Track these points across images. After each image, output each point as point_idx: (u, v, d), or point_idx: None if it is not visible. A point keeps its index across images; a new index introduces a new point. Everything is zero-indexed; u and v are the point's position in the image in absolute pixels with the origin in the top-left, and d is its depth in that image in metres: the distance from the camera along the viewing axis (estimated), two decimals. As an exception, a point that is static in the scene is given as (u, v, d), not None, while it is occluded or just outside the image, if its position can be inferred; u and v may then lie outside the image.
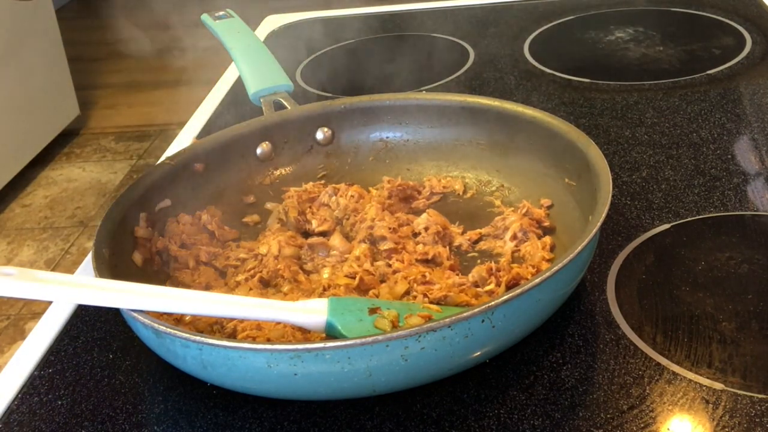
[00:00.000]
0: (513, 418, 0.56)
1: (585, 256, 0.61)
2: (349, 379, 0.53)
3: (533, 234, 0.71)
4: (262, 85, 0.86)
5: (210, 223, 0.76)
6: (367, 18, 1.35)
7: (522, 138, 0.78)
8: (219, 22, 0.96)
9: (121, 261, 0.67)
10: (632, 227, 0.74)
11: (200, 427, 0.59)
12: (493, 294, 0.65)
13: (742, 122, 0.90)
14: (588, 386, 0.58)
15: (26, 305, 2.16)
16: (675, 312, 0.63)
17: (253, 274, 0.71)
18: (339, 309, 0.59)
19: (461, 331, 0.53)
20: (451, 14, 1.32)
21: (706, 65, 1.03)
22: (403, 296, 0.66)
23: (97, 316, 0.71)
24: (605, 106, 0.96)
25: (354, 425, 0.57)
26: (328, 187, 0.80)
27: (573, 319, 0.64)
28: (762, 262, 0.68)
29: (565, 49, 1.15)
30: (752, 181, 0.79)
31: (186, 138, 1.01)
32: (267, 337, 0.62)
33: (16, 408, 0.63)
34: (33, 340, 0.70)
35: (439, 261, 0.71)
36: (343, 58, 1.22)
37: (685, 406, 0.55)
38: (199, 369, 0.56)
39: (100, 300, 0.56)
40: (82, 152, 2.96)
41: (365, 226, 0.75)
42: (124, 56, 3.48)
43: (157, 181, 0.75)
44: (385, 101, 0.84)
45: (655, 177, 0.81)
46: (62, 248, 2.43)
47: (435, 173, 0.83)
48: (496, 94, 1.03)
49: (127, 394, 0.63)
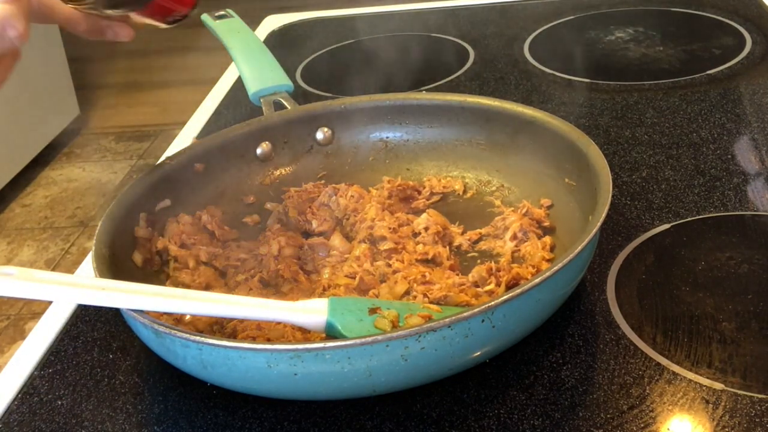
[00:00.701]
0: (513, 418, 0.56)
1: (585, 256, 0.61)
2: (349, 379, 0.53)
3: (533, 234, 0.71)
4: (262, 85, 0.86)
5: (210, 223, 0.76)
6: (367, 18, 1.35)
7: (522, 138, 0.78)
8: (219, 22, 0.96)
9: (121, 261, 0.67)
10: (632, 227, 0.74)
11: (200, 427, 0.59)
12: (493, 294, 0.65)
13: (742, 122, 0.90)
14: (588, 386, 0.58)
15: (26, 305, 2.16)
16: (675, 312, 0.63)
17: (253, 275, 0.71)
18: (339, 309, 0.59)
19: (461, 331, 0.53)
20: (451, 14, 1.32)
21: (706, 65, 1.03)
22: (403, 296, 0.66)
23: (97, 316, 0.71)
24: (605, 106, 0.96)
25: (354, 425, 0.57)
26: (328, 187, 0.80)
27: (573, 319, 0.64)
28: (762, 262, 0.68)
29: (565, 49, 1.15)
30: (752, 181, 0.79)
31: (186, 138, 1.01)
32: (267, 337, 0.62)
33: (16, 408, 0.63)
34: (33, 340, 0.70)
35: (439, 261, 0.71)
36: (343, 58, 1.23)
37: (685, 406, 0.55)
38: (199, 369, 0.56)
39: (100, 300, 0.56)
40: (82, 152, 2.96)
41: (365, 226, 0.75)
42: (124, 56, 3.49)
43: (157, 181, 0.75)
44: (385, 101, 0.84)
45: (655, 177, 0.81)
46: (62, 248, 2.43)
47: (435, 173, 0.83)
48: (496, 94, 1.03)
49: (127, 394, 0.63)
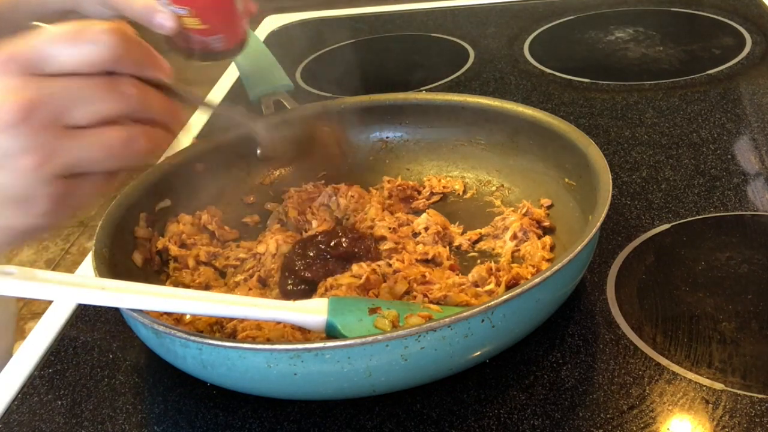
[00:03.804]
0: (513, 418, 0.56)
1: (585, 256, 0.61)
2: (349, 379, 0.53)
3: (533, 234, 0.71)
4: (262, 84, 0.86)
5: (210, 223, 0.76)
6: (367, 18, 1.35)
7: (522, 138, 0.78)
8: (219, 22, 0.96)
9: (121, 261, 0.67)
10: (632, 227, 0.74)
11: (200, 427, 0.59)
12: (492, 294, 0.65)
13: (742, 122, 0.90)
14: (588, 386, 0.58)
15: (26, 305, 2.16)
16: (675, 312, 0.63)
17: (251, 274, 0.71)
18: (339, 309, 0.59)
19: (461, 330, 0.53)
20: (451, 14, 1.32)
21: (706, 65, 1.03)
22: (403, 296, 0.66)
23: (97, 316, 0.71)
24: (605, 106, 0.96)
25: (354, 425, 0.57)
26: (328, 188, 0.80)
27: (573, 319, 0.64)
28: (762, 262, 0.68)
29: (565, 49, 1.15)
30: (752, 181, 0.79)
31: (186, 138, 1.01)
32: (267, 337, 0.62)
33: (16, 408, 0.63)
34: (33, 340, 0.70)
35: (439, 261, 0.71)
36: (343, 58, 1.22)
37: (685, 406, 0.55)
38: (199, 369, 0.56)
39: (100, 300, 0.56)
40: (82, 152, 2.96)
41: (365, 226, 0.75)
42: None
43: (157, 181, 0.75)
44: (385, 101, 0.84)
45: (655, 177, 0.81)
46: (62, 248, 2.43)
47: (435, 173, 0.83)
48: (496, 94, 1.03)
49: (127, 394, 0.63)
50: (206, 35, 0.70)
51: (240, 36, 0.73)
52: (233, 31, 0.72)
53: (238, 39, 0.73)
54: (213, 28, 0.70)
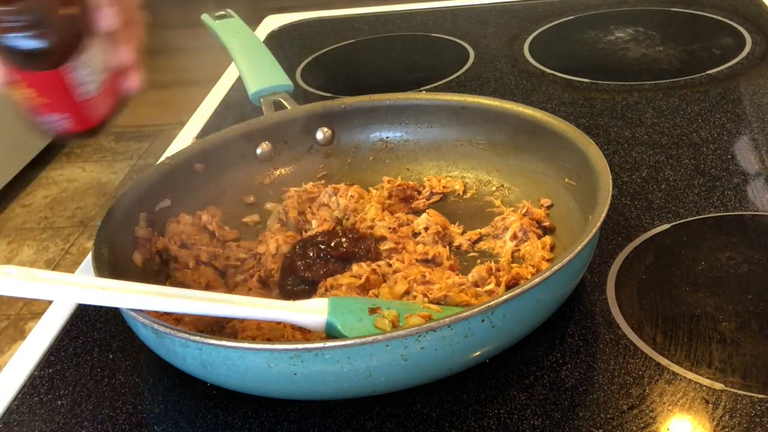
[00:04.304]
0: (513, 418, 0.56)
1: (585, 256, 0.61)
2: (349, 379, 0.53)
3: (533, 234, 0.71)
4: (262, 85, 0.86)
5: (210, 223, 0.76)
6: (367, 18, 1.35)
7: (522, 138, 0.78)
8: (219, 21, 0.96)
9: (121, 261, 0.67)
10: (632, 227, 0.74)
11: (200, 427, 0.59)
12: (492, 294, 0.65)
13: (742, 122, 0.90)
14: (588, 386, 0.58)
15: (26, 305, 2.16)
16: (675, 312, 0.63)
17: (251, 274, 0.71)
18: (339, 309, 0.59)
19: (461, 330, 0.53)
20: (451, 14, 1.32)
21: (706, 65, 1.03)
22: (403, 296, 0.66)
23: (97, 316, 0.71)
24: (605, 106, 0.96)
25: (354, 425, 0.57)
26: (328, 187, 0.80)
27: (573, 319, 0.64)
28: (762, 262, 0.67)
29: (565, 49, 1.15)
30: (752, 181, 0.79)
31: (186, 138, 1.01)
32: (267, 337, 0.62)
33: (16, 408, 0.63)
34: (33, 340, 0.70)
35: (439, 261, 0.71)
36: (343, 58, 1.22)
37: (685, 406, 0.55)
38: (199, 369, 0.56)
39: (100, 300, 0.56)
40: (82, 152, 2.96)
41: (365, 226, 0.75)
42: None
43: (157, 181, 0.75)
44: (385, 101, 0.84)
45: (655, 177, 0.81)
46: (62, 248, 2.43)
47: (435, 173, 0.83)
48: (496, 94, 1.03)
49: (127, 394, 0.63)
50: (45, 112, 0.61)
51: (91, 121, 0.63)
52: (79, 113, 0.61)
53: (88, 123, 0.63)
54: (51, 105, 0.60)
